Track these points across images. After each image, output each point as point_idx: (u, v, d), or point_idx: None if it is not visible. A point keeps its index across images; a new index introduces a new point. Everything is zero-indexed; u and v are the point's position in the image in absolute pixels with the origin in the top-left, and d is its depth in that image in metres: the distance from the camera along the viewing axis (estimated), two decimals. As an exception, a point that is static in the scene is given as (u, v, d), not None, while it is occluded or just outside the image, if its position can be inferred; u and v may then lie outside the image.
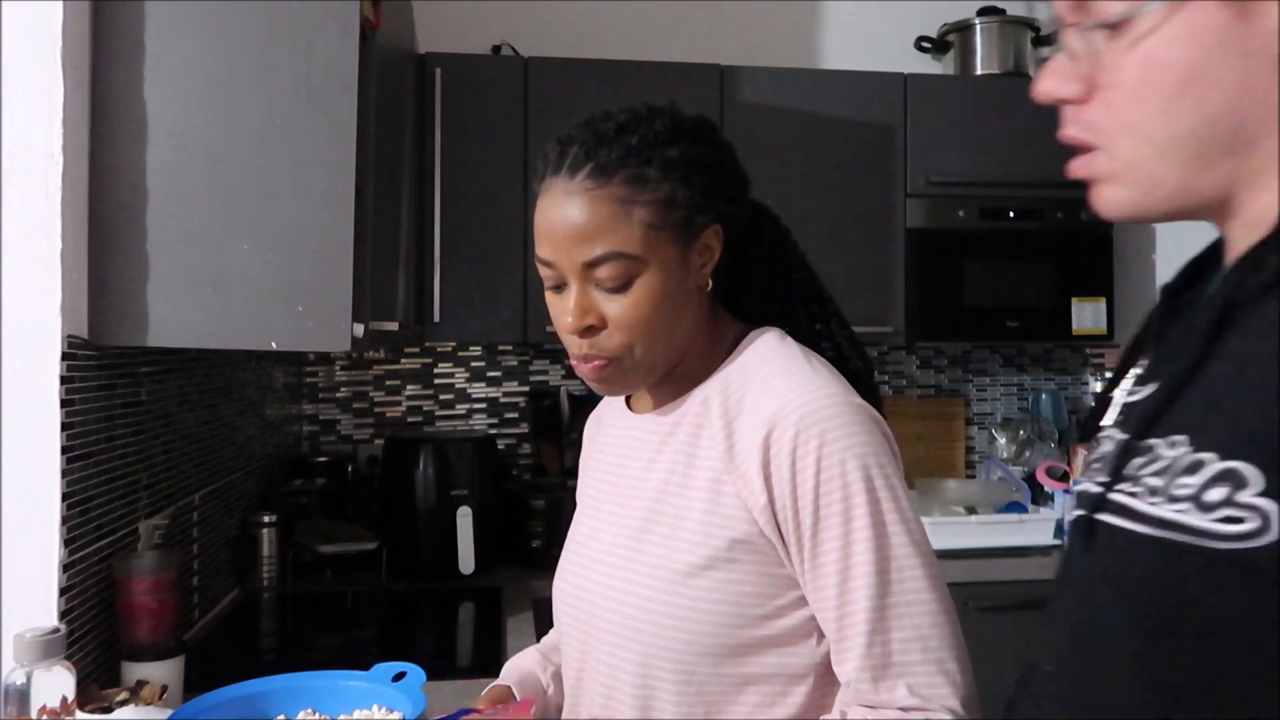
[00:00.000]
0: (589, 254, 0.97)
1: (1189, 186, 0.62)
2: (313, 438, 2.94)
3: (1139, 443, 0.64)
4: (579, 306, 0.99)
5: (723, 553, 0.97)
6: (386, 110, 1.91)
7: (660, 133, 0.99)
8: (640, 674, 0.99)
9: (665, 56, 2.82)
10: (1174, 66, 0.60)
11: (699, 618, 0.96)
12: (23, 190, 1.41)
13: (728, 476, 0.99)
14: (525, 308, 2.62)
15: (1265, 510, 0.53)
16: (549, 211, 0.99)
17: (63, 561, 1.42)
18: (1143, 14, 0.60)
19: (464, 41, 2.87)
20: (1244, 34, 0.58)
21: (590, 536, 1.10)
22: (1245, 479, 0.54)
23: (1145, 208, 0.64)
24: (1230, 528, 0.54)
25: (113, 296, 1.50)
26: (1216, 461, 0.56)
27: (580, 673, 1.07)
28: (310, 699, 1.28)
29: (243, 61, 1.52)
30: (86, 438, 1.49)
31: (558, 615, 1.12)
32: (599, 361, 1.01)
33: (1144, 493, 0.60)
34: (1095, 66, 0.63)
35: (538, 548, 2.56)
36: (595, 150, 0.98)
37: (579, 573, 1.09)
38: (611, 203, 0.97)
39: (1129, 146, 0.63)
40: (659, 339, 1.01)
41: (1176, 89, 0.60)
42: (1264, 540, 0.53)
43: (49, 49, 1.41)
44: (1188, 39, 0.59)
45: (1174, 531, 0.57)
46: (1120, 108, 0.63)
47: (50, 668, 1.14)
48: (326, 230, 1.52)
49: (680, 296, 1.01)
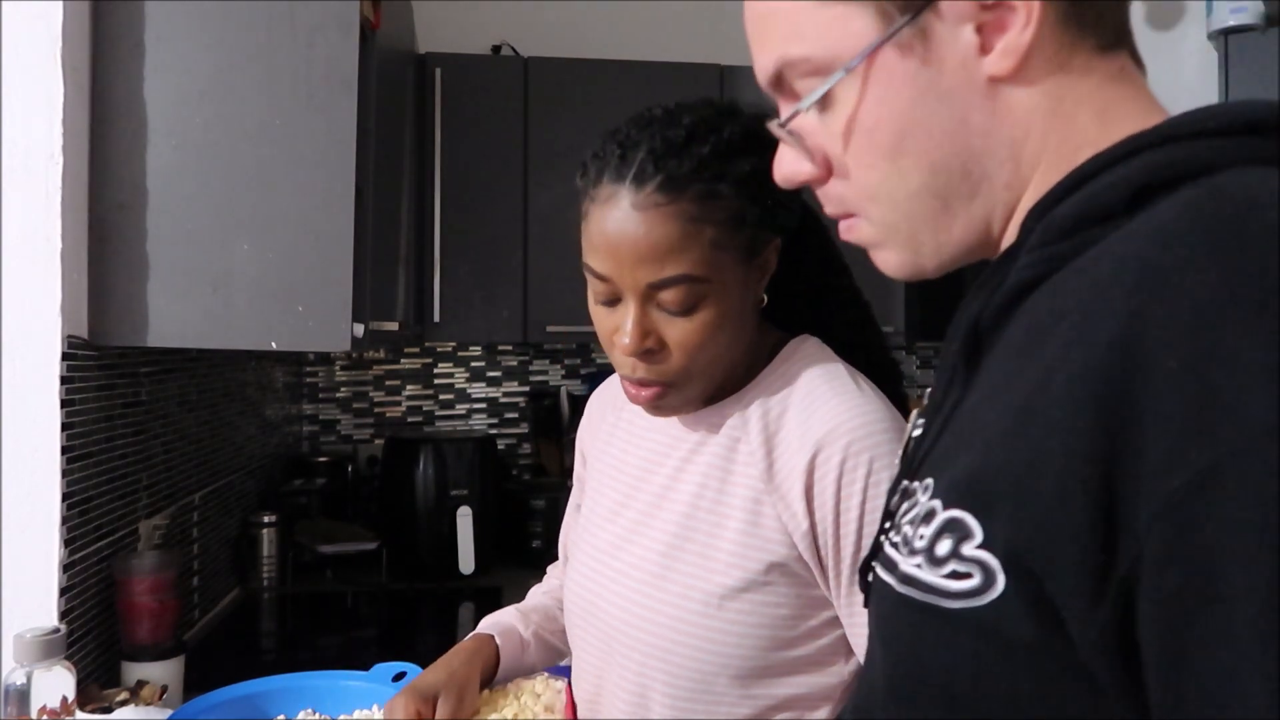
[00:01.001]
0: (655, 275, 0.90)
1: (948, 239, 0.60)
2: (313, 438, 2.94)
3: (906, 484, 0.60)
4: (639, 328, 0.92)
5: (759, 576, 0.93)
6: (386, 110, 1.91)
7: (731, 142, 0.92)
8: (670, 694, 0.95)
9: (665, 56, 2.82)
10: (882, 128, 0.58)
11: (733, 641, 0.93)
12: (23, 190, 1.41)
13: (768, 498, 0.94)
14: (525, 308, 2.62)
15: (987, 564, 0.48)
16: (610, 225, 0.91)
17: (63, 561, 1.42)
18: (840, 85, 0.59)
19: (464, 41, 2.87)
20: (935, 76, 0.57)
21: (614, 546, 1.03)
22: (969, 529, 0.50)
23: (919, 265, 0.62)
24: (957, 584, 0.50)
25: (113, 296, 1.50)
26: (942, 510, 0.52)
27: (599, 687, 1.03)
28: (310, 699, 1.28)
29: (243, 61, 1.52)
30: (86, 438, 1.49)
31: (572, 621, 1.08)
32: (657, 389, 0.95)
33: (900, 542, 0.56)
34: (820, 144, 0.62)
35: (538, 548, 2.56)
36: (664, 160, 0.90)
37: (602, 583, 1.03)
38: (682, 221, 0.89)
39: (878, 213, 0.62)
40: (718, 361, 0.95)
41: (893, 149, 0.58)
42: (988, 598, 0.48)
43: (49, 49, 1.41)
44: (886, 98, 0.58)
45: (912, 587, 0.53)
46: (854, 178, 0.61)
47: (50, 668, 1.14)
48: (326, 230, 1.52)
49: (741, 316, 0.95)
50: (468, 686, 1.07)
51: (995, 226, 0.60)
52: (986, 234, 0.60)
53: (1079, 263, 0.51)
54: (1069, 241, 0.52)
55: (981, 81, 0.57)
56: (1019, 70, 0.56)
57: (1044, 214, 0.55)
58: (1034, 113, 0.57)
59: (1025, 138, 0.57)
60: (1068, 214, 0.53)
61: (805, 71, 0.60)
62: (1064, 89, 0.57)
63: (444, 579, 2.43)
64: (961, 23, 0.56)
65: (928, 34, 0.56)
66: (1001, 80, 0.56)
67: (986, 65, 0.56)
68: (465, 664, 1.09)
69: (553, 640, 1.20)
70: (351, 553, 2.44)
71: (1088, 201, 0.52)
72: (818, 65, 0.59)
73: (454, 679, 1.06)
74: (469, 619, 2.21)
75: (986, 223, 0.60)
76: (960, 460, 0.52)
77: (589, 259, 0.95)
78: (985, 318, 0.56)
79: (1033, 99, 0.57)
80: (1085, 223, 0.52)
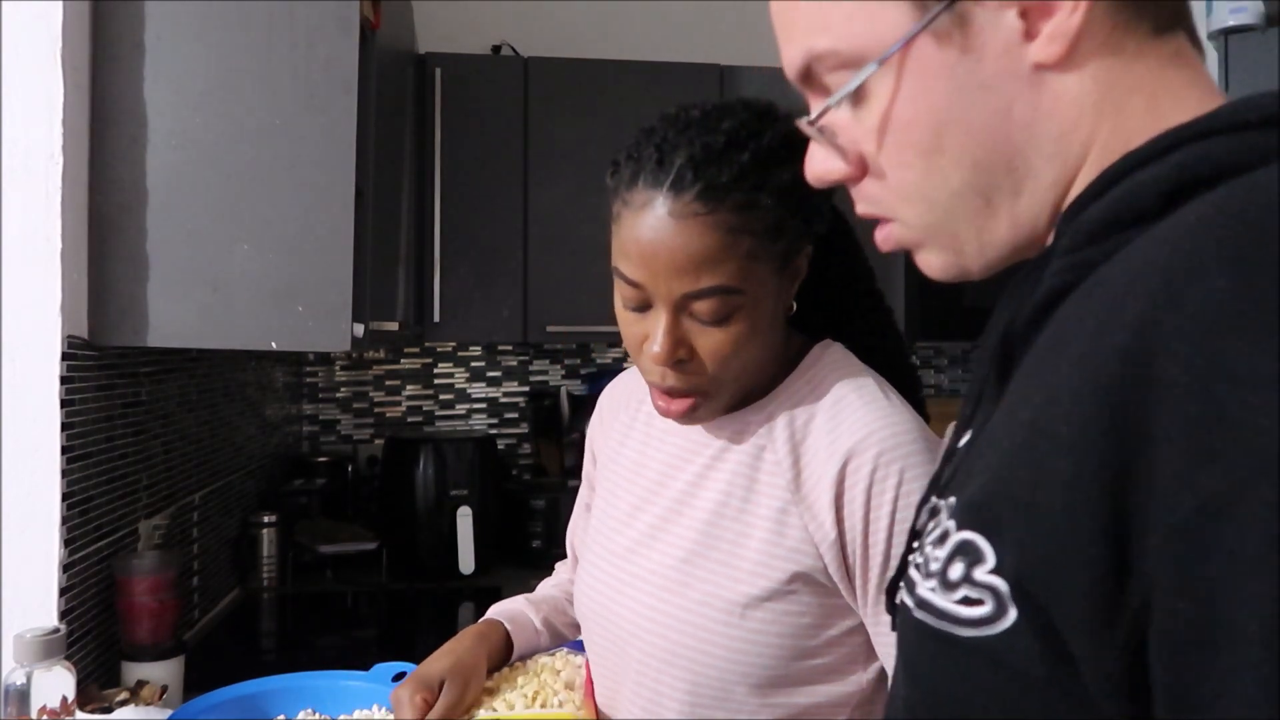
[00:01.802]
0: (691, 286, 0.88)
1: (992, 239, 0.57)
2: (313, 438, 2.94)
3: (934, 501, 0.57)
4: (671, 337, 0.90)
5: (783, 585, 0.92)
6: (386, 110, 1.91)
7: (772, 150, 0.90)
8: (688, 702, 0.94)
9: (665, 56, 2.82)
10: (918, 124, 0.55)
11: (754, 650, 0.92)
12: (23, 190, 1.41)
13: (794, 508, 0.93)
14: (525, 308, 2.62)
15: (999, 591, 0.45)
16: (645, 232, 0.89)
17: (63, 561, 1.42)
18: (872, 79, 0.55)
19: (464, 41, 2.87)
20: (975, 66, 0.53)
21: (630, 550, 1.02)
22: (981, 553, 0.47)
23: (963, 267, 0.59)
24: (968, 610, 0.47)
25: (113, 296, 1.50)
26: (955, 531, 0.49)
27: (612, 691, 1.02)
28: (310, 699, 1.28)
29: (243, 61, 1.52)
30: (86, 438, 1.49)
31: (587, 624, 1.07)
32: (690, 401, 0.94)
33: (922, 563, 0.53)
34: (853, 142, 0.58)
35: (538, 548, 2.56)
36: (704, 168, 0.88)
37: (618, 587, 1.02)
38: (721, 232, 0.87)
39: (916, 214, 0.58)
40: (748, 371, 0.94)
41: (930, 146, 0.55)
42: (999, 628, 0.45)
43: (49, 49, 1.41)
44: (922, 91, 0.54)
45: (927, 612, 0.50)
46: (890, 178, 0.57)
47: (50, 668, 1.14)
48: (326, 230, 1.52)
49: (772, 325, 0.94)
50: (474, 672, 1.05)
51: (1042, 224, 0.56)
52: (1033, 232, 0.56)
53: (1105, 270, 0.47)
54: (1099, 246, 0.49)
55: (1026, 70, 0.52)
56: (1067, 57, 0.52)
57: (1075, 215, 0.51)
58: (1082, 102, 0.53)
59: (1073, 129, 0.53)
60: (1097, 217, 0.50)
61: (835, 65, 0.57)
62: (1115, 75, 0.53)
63: (444, 579, 2.43)
64: (1003, 7, 0.52)
65: (966, 20, 0.52)
66: (1048, 68, 0.52)
67: (1032, 52, 0.52)
68: (470, 650, 1.07)
69: (565, 631, 1.19)
70: (351, 553, 2.44)
71: (1118, 202, 0.49)
72: (847, 58, 0.56)
73: (459, 665, 1.05)
74: (469, 619, 2.21)
75: (1033, 220, 0.56)
76: (975, 478, 0.50)
77: (620, 264, 0.92)
78: (1016, 327, 0.53)
79: (1081, 87, 0.52)
80: (1116, 226, 0.49)
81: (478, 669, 1.06)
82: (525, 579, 2.43)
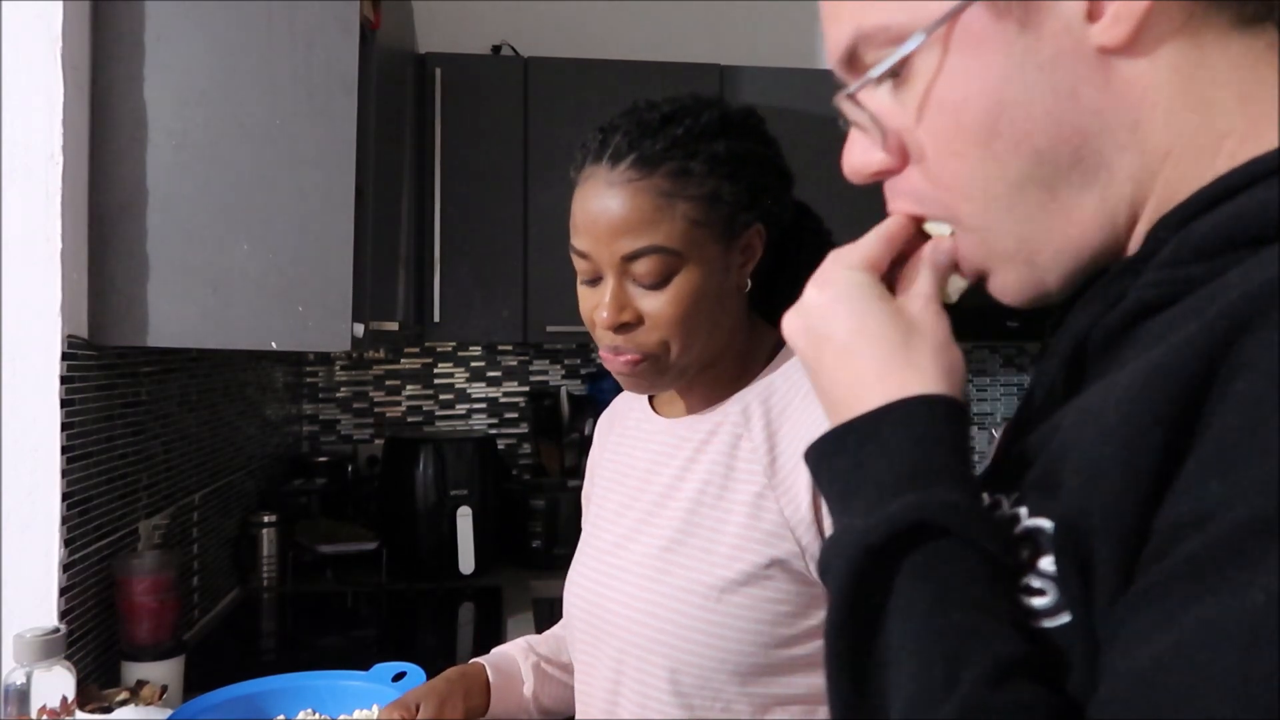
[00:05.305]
0: (628, 247, 0.94)
1: (1066, 242, 0.51)
2: (313, 438, 2.94)
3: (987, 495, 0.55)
4: (615, 301, 0.96)
5: (760, 570, 0.93)
6: (386, 110, 1.91)
7: (707, 125, 0.96)
8: (670, 691, 0.95)
9: (665, 56, 2.82)
10: (971, 106, 0.49)
11: (732, 635, 0.93)
12: (23, 190, 1.41)
13: (771, 492, 0.95)
14: (525, 308, 2.62)
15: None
16: (588, 202, 0.96)
17: (63, 561, 1.42)
18: (916, 53, 0.50)
19: (464, 41, 2.87)
20: (1035, 43, 0.48)
21: (616, 545, 1.05)
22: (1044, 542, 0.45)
23: (1041, 282, 0.53)
24: (1031, 601, 0.46)
25: (113, 296, 1.50)
26: (1026, 518, 0.47)
27: (611, 686, 1.03)
28: (310, 699, 1.29)
29: (243, 61, 1.52)
30: (86, 438, 1.49)
31: (572, 621, 1.09)
32: (632, 356, 0.97)
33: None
34: (894, 127, 0.53)
35: (538, 548, 2.56)
36: (639, 140, 0.95)
37: (604, 580, 1.04)
38: (654, 195, 0.94)
39: (973, 213, 0.52)
40: (696, 338, 0.97)
41: (986, 131, 0.49)
42: (1060, 620, 0.44)
43: (49, 49, 1.41)
44: (975, 69, 0.49)
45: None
46: (939, 170, 0.52)
47: (50, 668, 1.14)
48: (326, 230, 1.52)
49: (719, 296, 0.98)
50: (448, 699, 1.12)
51: (1121, 225, 0.50)
52: (1112, 234, 0.50)
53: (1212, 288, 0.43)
54: (1206, 264, 0.44)
55: (1090, 53, 0.48)
56: (1133, 40, 0.47)
57: (1181, 225, 0.46)
58: (1158, 91, 0.48)
59: (1150, 120, 0.48)
60: (1211, 232, 0.45)
61: (884, 42, 0.51)
62: (1195, 66, 0.48)
63: (444, 579, 2.43)
64: None
65: None
66: (1114, 52, 0.48)
67: (1094, 34, 0.47)
68: (447, 681, 1.14)
69: (556, 674, 1.22)
70: (351, 553, 2.43)
71: (1236, 220, 0.44)
72: (896, 34, 0.50)
73: (434, 691, 1.12)
74: (469, 619, 2.22)
75: (1110, 220, 0.50)
76: (1039, 470, 0.48)
77: (573, 239, 0.99)
78: (1095, 335, 0.49)
79: (1156, 75, 0.48)
80: (1229, 244, 0.44)
81: (452, 696, 1.12)
82: (525, 579, 2.44)
